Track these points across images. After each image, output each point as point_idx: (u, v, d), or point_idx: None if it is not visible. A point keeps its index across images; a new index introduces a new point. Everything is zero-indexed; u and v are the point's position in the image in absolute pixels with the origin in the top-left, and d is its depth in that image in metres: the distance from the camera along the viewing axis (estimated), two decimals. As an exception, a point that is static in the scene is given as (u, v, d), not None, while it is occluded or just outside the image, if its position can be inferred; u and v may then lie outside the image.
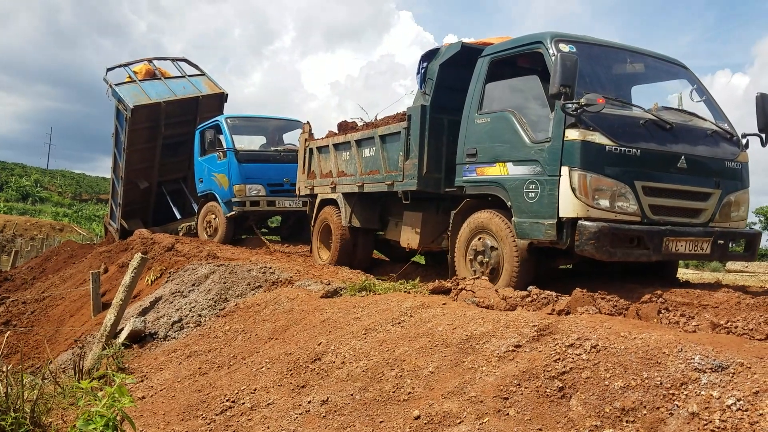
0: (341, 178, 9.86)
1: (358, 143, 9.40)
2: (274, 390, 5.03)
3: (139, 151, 15.28)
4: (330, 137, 10.39)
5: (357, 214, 9.65)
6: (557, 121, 6.07)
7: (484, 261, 6.92)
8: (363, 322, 5.64)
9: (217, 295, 7.96)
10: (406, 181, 8.13)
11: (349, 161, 9.63)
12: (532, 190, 6.28)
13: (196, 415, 5.15)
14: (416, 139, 7.90)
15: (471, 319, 4.93)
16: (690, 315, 4.68)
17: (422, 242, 8.41)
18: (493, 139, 6.86)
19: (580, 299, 5.31)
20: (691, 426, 3.08)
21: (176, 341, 7.28)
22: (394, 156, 8.44)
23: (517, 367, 4.01)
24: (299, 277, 8.18)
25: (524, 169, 6.41)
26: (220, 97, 15.69)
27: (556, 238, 6.02)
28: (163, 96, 14.84)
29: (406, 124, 8.10)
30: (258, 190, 13.04)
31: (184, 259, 9.90)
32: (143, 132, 14.95)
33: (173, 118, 15.15)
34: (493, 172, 6.86)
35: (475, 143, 7.10)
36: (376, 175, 8.93)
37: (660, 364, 3.50)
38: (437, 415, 3.83)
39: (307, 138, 11.12)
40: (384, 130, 8.74)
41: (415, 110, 8.00)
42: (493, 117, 6.92)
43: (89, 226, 38.81)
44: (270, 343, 6.10)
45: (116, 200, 16.36)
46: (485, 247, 6.92)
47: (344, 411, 4.30)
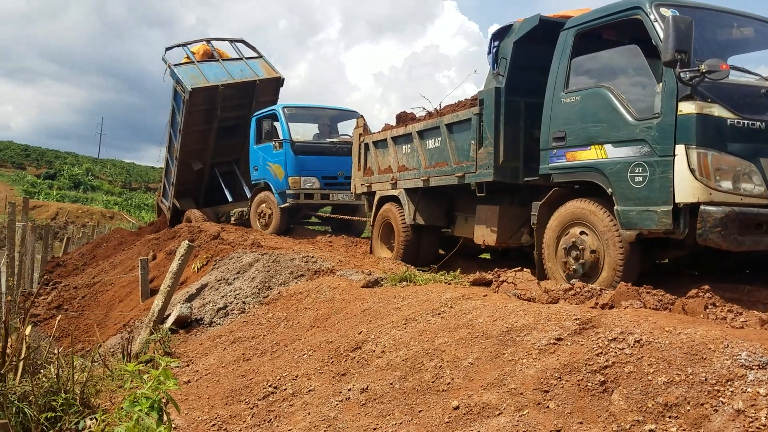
0: (402, 173, 9.33)
1: (420, 134, 8.87)
2: (315, 377, 5.09)
3: (195, 132, 15.26)
4: (387, 130, 9.89)
5: (421, 211, 9.07)
6: (668, 94, 5.45)
7: (579, 257, 6.26)
8: (403, 312, 5.67)
9: (261, 283, 8.09)
10: (479, 171, 7.53)
11: (411, 154, 9.11)
12: (639, 173, 5.64)
13: (239, 400, 5.26)
14: (490, 125, 7.29)
15: (512, 311, 4.90)
16: (738, 311, 4.57)
17: (500, 238, 7.73)
18: (585, 120, 6.24)
19: (624, 293, 5.23)
20: (736, 423, 3.01)
21: (221, 327, 7.44)
22: (464, 145, 7.88)
23: (558, 360, 3.97)
24: (341, 266, 8.25)
25: (627, 151, 5.78)
26: (276, 81, 15.49)
27: (672, 226, 5.37)
28: (221, 79, 14.71)
29: (477, 109, 7.50)
30: (313, 183, 12.86)
31: (229, 248, 10.07)
32: (200, 114, 14.94)
33: (230, 101, 15.07)
34: (587, 156, 6.21)
35: (564, 125, 6.46)
36: (443, 167, 8.35)
37: (705, 359, 3.43)
38: (476, 406, 3.83)
39: (362, 133, 10.64)
40: (451, 117, 8.16)
41: (488, 93, 7.39)
42: (584, 95, 6.31)
43: (138, 214, 39.78)
44: (311, 331, 6.18)
45: (169, 179, 16.45)
46: (580, 241, 6.25)
47: (384, 399, 4.33)
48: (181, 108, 14.79)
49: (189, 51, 15.40)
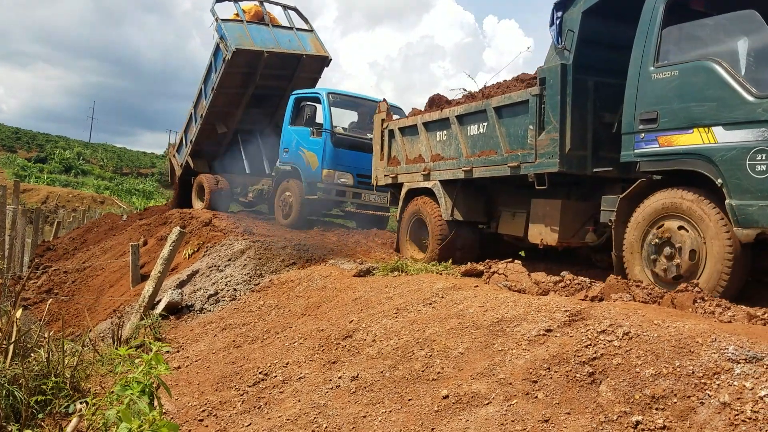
0: (437, 162, 8.31)
1: (460, 119, 7.89)
2: (305, 365, 5.12)
3: (228, 95, 14.40)
4: (417, 115, 8.90)
5: (460, 206, 8.06)
6: None
7: (672, 255, 5.38)
8: (394, 301, 5.70)
9: (253, 270, 8.10)
10: (540, 161, 6.57)
11: (448, 142, 8.15)
12: (762, 161, 4.83)
13: (229, 386, 5.28)
14: (555, 107, 6.39)
15: (502, 302, 4.94)
16: (726, 305, 4.61)
17: (562, 237, 6.78)
18: (685, 98, 5.38)
19: (614, 286, 5.27)
20: (721, 416, 3.06)
21: (212, 314, 7.45)
22: (520, 131, 6.93)
23: (547, 351, 4.01)
24: (333, 255, 8.26)
25: (745, 134, 4.96)
26: (323, 60, 14.61)
27: None
28: (268, 45, 13.79)
29: (537, 89, 6.60)
30: (347, 179, 11.84)
31: (220, 234, 10.07)
32: (237, 76, 14.06)
33: (270, 70, 14.14)
34: (689, 141, 5.34)
35: (655, 105, 5.60)
36: (491, 156, 7.37)
37: (693, 353, 3.47)
38: (465, 396, 3.87)
39: (385, 118, 9.61)
40: (502, 100, 7.21)
41: (552, 71, 6.48)
42: (684, 69, 5.43)
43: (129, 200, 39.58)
44: (303, 319, 6.20)
45: (188, 136, 15.66)
46: (676, 238, 5.36)
47: (374, 387, 4.36)
48: (220, 66, 13.96)
49: (240, 8, 14.42)
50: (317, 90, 13.03)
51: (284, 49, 14.00)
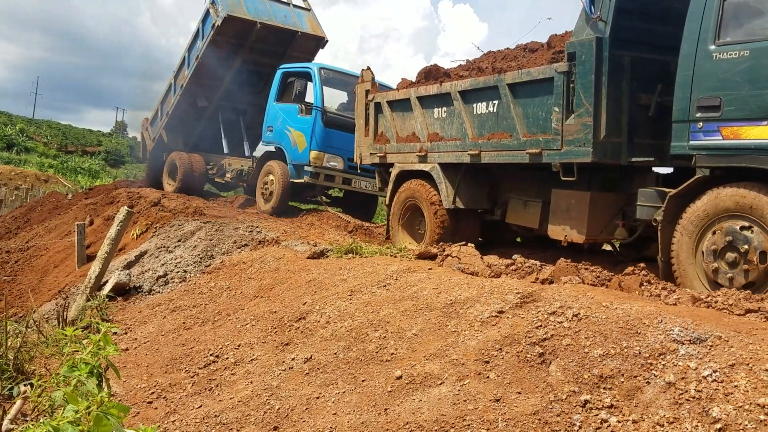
0: (436, 143, 7.51)
1: (464, 96, 7.04)
2: (258, 346, 5.07)
3: (212, 65, 13.60)
4: (410, 87, 8.00)
5: (462, 192, 7.34)
6: None
7: (737, 261, 4.75)
8: (349, 283, 5.69)
9: (203, 251, 7.97)
10: (569, 149, 5.85)
11: (449, 120, 7.33)
12: None
13: (179, 368, 5.21)
14: (588, 87, 5.65)
15: (456, 284, 4.98)
16: (672, 289, 4.75)
17: (590, 233, 6.09)
18: (758, 84, 4.67)
19: (564, 269, 5.37)
20: (666, 395, 3.15)
21: (161, 295, 7.32)
22: (541, 113, 6.18)
23: (499, 332, 4.06)
24: (286, 237, 8.20)
25: None
26: (318, 41, 13.97)
27: None
28: (262, 17, 13.11)
29: (564, 66, 5.86)
30: (337, 163, 10.96)
31: (170, 215, 9.87)
32: (225, 46, 13.33)
33: (261, 44, 13.51)
34: (763, 134, 4.66)
35: (718, 90, 4.89)
36: (504, 139, 6.60)
37: (639, 334, 3.56)
38: (419, 376, 3.89)
39: (370, 89, 8.71)
40: (518, 76, 6.40)
41: (585, 45, 5.70)
42: (756, 49, 4.69)
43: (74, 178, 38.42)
44: (255, 301, 6.14)
45: (164, 108, 14.76)
46: (742, 240, 4.71)
47: (327, 369, 4.35)
48: (207, 33, 13.24)
49: None
50: (308, 65, 12.27)
51: (279, 23, 13.36)
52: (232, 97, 14.44)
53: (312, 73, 11.54)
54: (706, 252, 4.91)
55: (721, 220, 4.86)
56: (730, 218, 4.81)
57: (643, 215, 5.53)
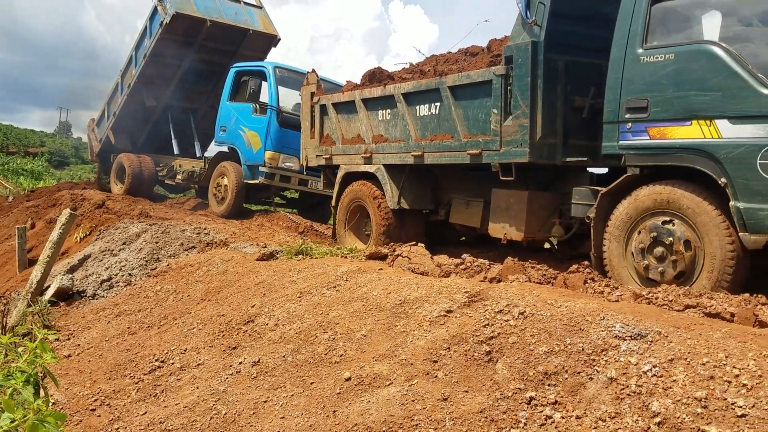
0: (381, 144, 7.60)
1: (407, 98, 7.17)
2: (204, 351, 4.99)
3: (161, 64, 13.39)
4: (355, 90, 8.07)
5: (407, 193, 7.46)
6: None
7: (665, 255, 4.94)
8: (298, 285, 5.64)
9: (149, 254, 7.82)
10: (508, 149, 6.01)
11: (393, 122, 7.43)
12: None
13: (123, 374, 5.09)
14: (524, 89, 5.80)
15: (405, 284, 4.99)
16: (614, 286, 4.86)
17: (529, 231, 6.26)
18: (682, 86, 4.85)
19: (511, 268, 5.44)
20: (609, 390, 3.22)
21: (105, 300, 7.15)
22: (481, 115, 6.34)
23: (447, 331, 4.09)
24: (234, 239, 8.09)
25: (756, 129, 4.47)
26: (271, 39, 13.82)
27: None
28: (212, 14, 12.89)
29: (502, 69, 6.00)
30: (293, 164, 10.66)
31: (115, 217, 9.66)
32: (173, 45, 13.05)
33: (211, 43, 13.31)
34: (687, 134, 4.83)
35: (645, 92, 5.07)
36: (446, 141, 6.74)
37: (583, 331, 3.63)
38: (367, 377, 3.89)
39: (315, 91, 8.76)
40: (459, 78, 6.53)
41: (521, 49, 5.86)
42: (680, 53, 4.89)
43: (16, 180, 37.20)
44: (202, 305, 6.04)
45: (111, 108, 14.41)
46: (665, 233, 4.93)
47: (275, 372, 4.31)
48: (156, 31, 12.92)
49: None
50: (262, 63, 12.11)
51: (229, 21, 13.14)
52: (182, 96, 14.21)
53: (266, 72, 11.39)
54: (635, 252, 5.10)
55: (644, 220, 5.07)
56: (651, 216, 5.03)
57: (577, 213, 5.72)
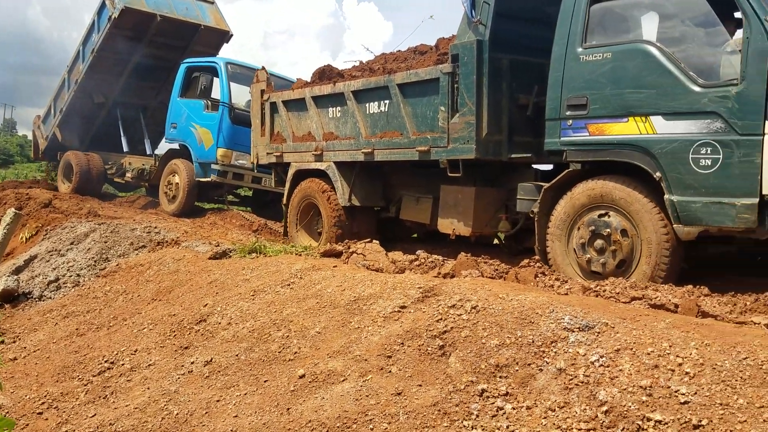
0: (331, 142, 7.60)
1: (357, 95, 7.18)
2: (155, 351, 4.91)
3: (109, 59, 13.07)
4: (305, 87, 8.02)
5: (358, 190, 7.47)
6: (756, 54, 4.35)
7: (604, 247, 5.05)
8: (252, 283, 5.60)
9: (98, 254, 7.65)
10: (455, 146, 6.09)
11: (343, 120, 7.45)
12: (708, 155, 4.52)
13: (72, 377, 4.98)
14: (470, 87, 5.88)
15: (360, 281, 5.00)
16: (564, 279, 4.96)
17: (476, 226, 6.34)
18: (620, 83, 5.00)
19: (464, 263, 5.49)
20: (558, 381, 3.29)
21: (52, 301, 6.97)
22: (429, 112, 6.41)
23: (401, 326, 4.11)
24: (186, 237, 7.99)
25: (688, 125, 4.63)
26: (223, 35, 13.65)
27: (756, 224, 4.38)
28: (162, 9, 12.65)
29: (449, 67, 6.06)
30: (246, 161, 10.36)
31: (62, 217, 9.42)
32: (122, 40, 12.78)
33: (161, 38, 13.04)
34: (623, 131, 4.98)
35: (585, 90, 5.20)
36: (396, 138, 6.78)
37: (533, 323, 3.69)
38: (322, 374, 3.88)
39: (265, 89, 8.71)
40: (407, 76, 6.58)
41: (466, 48, 5.92)
42: (617, 52, 5.04)
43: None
44: (153, 305, 5.94)
45: (58, 104, 14.08)
46: (603, 226, 5.05)
47: (228, 371, 4.27)
48: (104, 26, 12.63)
49: None
50: (214, 59, 11.91)
51: (180, 16, 12.91)
52: (132, 92, 13.94)
53: (218, 68, 11.23)
54: (577, 248, 5.22)
55: (582, 216, 5.21)
56: (588, 211, 5.17)
57: (522, 208, 5.81)
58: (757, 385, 2.90)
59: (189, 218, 10.66)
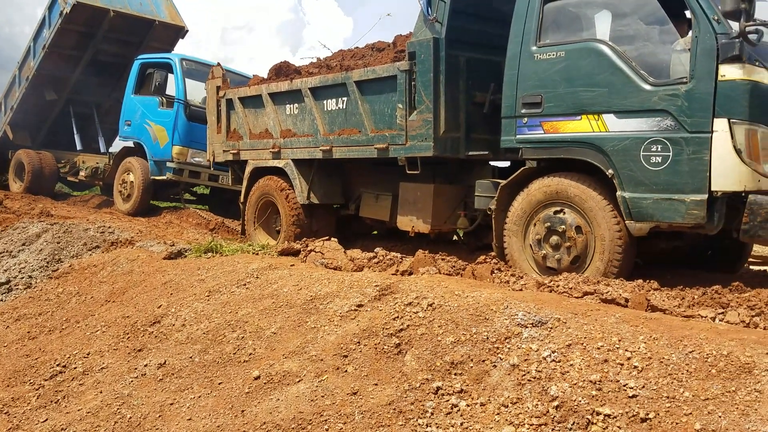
0: (289, 139, 7.54)
1: (314, 92, 7.14)
2: (108, 354, 4.82)
3: (61, 55, 12.80)
4: (261, 83, 7.98)
5: (316, 188, 7.42)
6: (704, 53, 4.43)
7: (559, 243, 5.12)
8: (207, 284, 5.53)
9: (50, 255, 7.48)
10: (413, 143, 6.11)
11: (301, 117, 7.40)
12: (658, 152, 4.59)
13: (23, 381, 4.86)
14: (427, 85, 5.91)
15: (317, 279, 4.98)
16: (519, 275, 5.01)
17: (435, 223, 6.42)
18: (573, 82, 5.06)
19: (422, 260, 5.51)
20: (511, 377, 3.32)
21: (3, 304, 6.80)
22: (386, 109, 6.42)
23: (358, 325, 4.11)
24: (141, 237, 7.86)
25: (639, 123, 4.71)
26: (178, 30, 13.42)
27: (705, 220, 4.46)
28: (115, 4, 12.36)
29: (406, 64, 6.09)
30: (202, 159, 10.16)
31: (13, 217, 9.19)
32: (75, 36, 12.54)
33: (114, 34, 12.78)
34: (577, 128, 5.06)
35: (539, 88, 5.25)
36: (354, 135, 6.77)
37: (488, 320, 3.73)
38: (277, 375, 3.86)
39: (221, 85, 8.59)
40: (365, 74, 6.58)
41: (423, 45, 5.95)
42: (571, 51, 5.10)
43: None
44: (106, 306, 5.83)
45: (8, 102, 13.81)
46: (557, 222, 5.11)
47: (182, 374, 4.21)
48: (55, 21, 12.32)
49: None
50: (168, 55, 11.75)
51: (134, 11, 12.65)
52: (85, 89, 13.63)
53: (173, 65, 11.08)
54: (533, 244, 5.27)
55: (538, 212, 5.25)
56: (544, 208, 5.22)
57: (480, 205, 5.84)
58: (703, 378, 2.97)
59: (144, 217, 10.47)
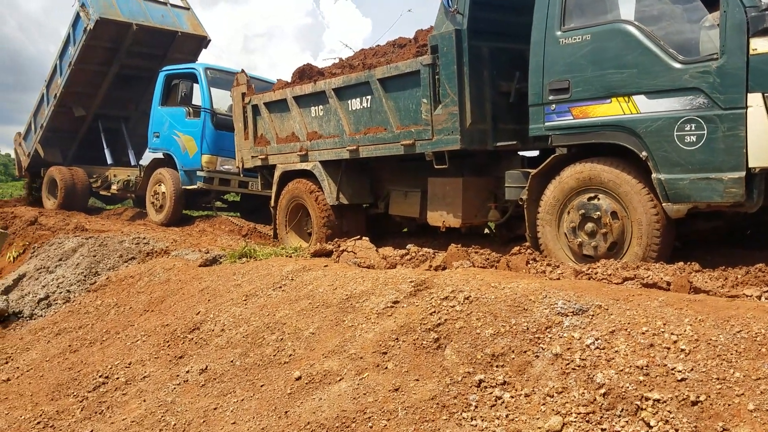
0: (316, 141, 7.54)
1: (338, 93, 7.16)
2: (150, 363, 4.87)
3: (88, 72, 12.96)
4: (286, 88, 8.00)
5: (345, 188, 7.41)
6: (733, 28, 4.34)
7: (595, 230, 5.02)
8: (243, 288, 5.56)
9: (87, 269, 7.59)
10: (439, 138, 6.07)
11: (326, 118, 7.40)
12: (692, 132, 4.50)
13: (67, 394, 4.93)
14: (451, 77, 5.88)
15: (351, 278, 4.97)
16: (555, 264, 4.94)
17: (466, 217, 6.33)
18: (601, 65, 4.99)
19: (455, 254, 5.47)
20: (554, 366, 3.27)
21: (43, 319, 6.91)
22: (411, 105, 6.40)
23: (395, 322, 4.09)
24: (176, 246, 7.93)
25: (671, 103, 4.62)
26: (200, 40, 13.54)
27: (744, 198, 4.36)
28: (137, 18, 12.48)
29: (428, 58, 6.06)
30: (231, 166, 10.21)
31: (49, 233, 9.33)
32: (100, 51, 12.71)
33: (139, 47, 12.91)
34: (607, 111, 4.97)
35: (566, 73, 5.19)
36: (380, 133, 6.75)
37: (527, 310, 3.68)
38: (318, 375, 3.85)
39: (246, 92, 8.65)
40: (387, 71, 6.55)
41: (445, 38, 5.92)
42: (596, 33, 5.03)
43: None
44: (145, 316, 5.89)
45: (38, 120, 13.90)
46: (593, 209, 5.03)
47: (224, 378, 4.23)
48: (80, 38, 12.47)
49: None
50: (192, 65, 11.80)
51: (156, 24, 12.78)
52: (112, 104, 13.83)
53: (197, 74, 11.15)
54: (568, 232, 5.19)
55: (571, 200, 5.18)
56: (577, 195, 5.15)
57: (511, 196, 5.77)
58: (753, 357, 2.90)
59: (177, 227, 10.57)
